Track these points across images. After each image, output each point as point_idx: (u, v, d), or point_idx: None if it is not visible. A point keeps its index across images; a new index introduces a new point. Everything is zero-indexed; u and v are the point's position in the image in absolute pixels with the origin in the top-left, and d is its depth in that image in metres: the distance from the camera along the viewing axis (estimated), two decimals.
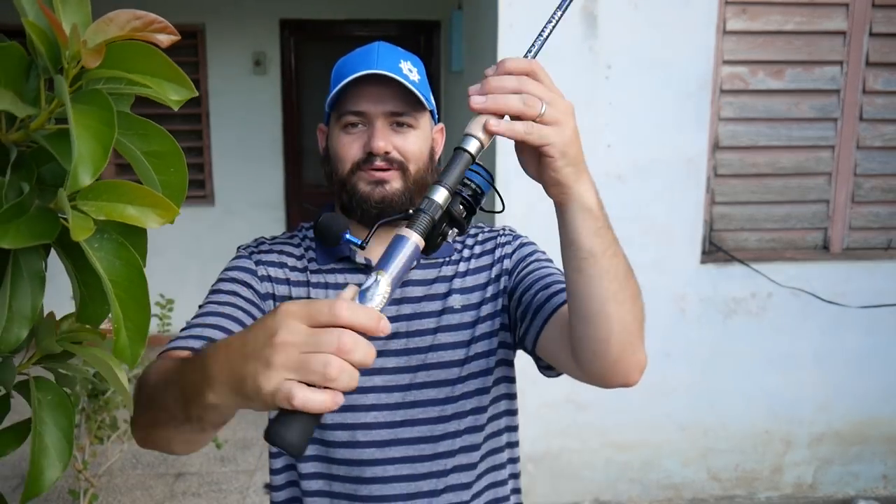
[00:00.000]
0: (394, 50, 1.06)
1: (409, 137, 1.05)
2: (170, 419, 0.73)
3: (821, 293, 2.91)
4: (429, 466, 1.05)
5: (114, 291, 0.44)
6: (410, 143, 1.04)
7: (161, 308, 2.79)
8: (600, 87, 2.69)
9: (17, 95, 0.44)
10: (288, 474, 1.10)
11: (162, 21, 0.48)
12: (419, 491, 1.05)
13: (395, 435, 1.04)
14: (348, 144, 1.04)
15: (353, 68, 1.02)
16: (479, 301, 1.09)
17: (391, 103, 1.02)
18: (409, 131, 1.05)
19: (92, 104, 0.42)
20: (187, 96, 0.47)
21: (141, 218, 0.44)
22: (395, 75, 1.00)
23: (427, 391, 1.05)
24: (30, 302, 0.45)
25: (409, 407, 1.05)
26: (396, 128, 1.04)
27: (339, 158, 1.05)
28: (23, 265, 0.44)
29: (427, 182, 1.06)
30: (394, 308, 1.06)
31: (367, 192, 1.03)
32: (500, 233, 1.16)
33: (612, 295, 0.85)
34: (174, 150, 0.48)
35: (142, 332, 0.45)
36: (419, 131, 1.06)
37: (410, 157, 1.05)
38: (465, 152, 0.70)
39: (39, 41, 0.43)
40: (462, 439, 1.07)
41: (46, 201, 0.43)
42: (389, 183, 1.03)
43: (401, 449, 1.05)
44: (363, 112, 1.02)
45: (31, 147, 0.45)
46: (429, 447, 1.05)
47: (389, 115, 1.03)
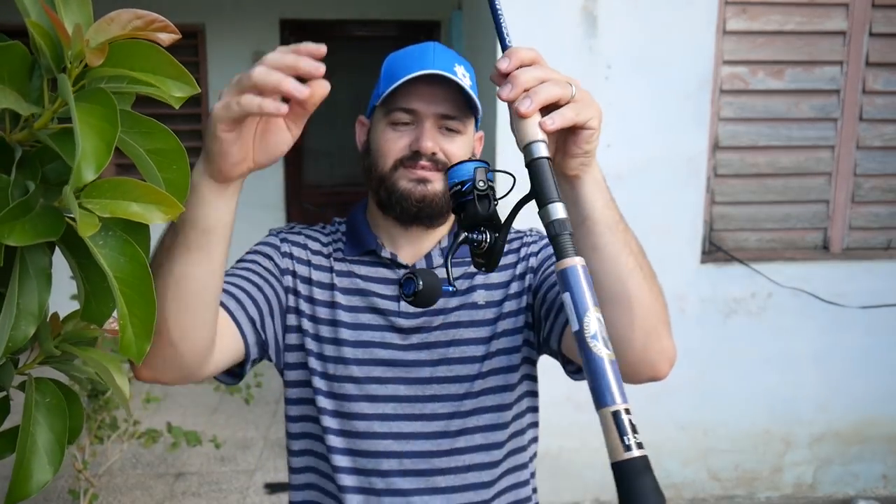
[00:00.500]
0: (448, 52, 1.06)
1: (456, 141, 1.04)
2: (163, 255, 0.77)
3: (821, 293, 2.92)
4: (446, 462, 1.05)
5: (119, 288, 0.44)
6: (456, 148, 1.04)
7: None
8: (600, 87, 2.69)
9: (20, 95, 0.44)
10: (308, 458, 1.10)
11: (163, 20, 0.48)
12: (436, 486, 1.04)
13: (413, 428, 1.04)
14: (394, 140, 1.03)
15: (408, 66, 1.01)
16: (503, 298, 1.08)
17: (444, 105, 1.02)
18: (457, 136, 1.04)
19: (95, 102, 0.43)
20: (190, 93, 0.47)
21: (145, 215, 0.44)
22: (453, 76, 1.00)
23: (447, 386, 1.05)
24: (36, 300, 0.46)
25: (428, 401, 1.05)
26: (445, 131, 1.03)
27: (382, 153, 1.04)
28: (29, 263, 0.45)
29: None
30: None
31: (409, 189, 1.02)
32: (527, 233, 1.16)
33: (630, 270, 0.84)
34: (177, 147, 0.48)
35: (147, 328, 0.46)
36: (465, 137, 1.06)
37: (454, 161, 1.02)
38: (544, 160, 0.68)
39: (42, 41, 0.44)
40: (482, 436, 1.06)
41: (51, 199, 0.43)
42: (432, 183, 1.02)
43: (418, 443, 1.04)
44: (414, 110, 1.02)
45: (36, 146, 0.45)
46: (446, 442, 1.05)
47: (440, 118, 1.02)
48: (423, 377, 1.05)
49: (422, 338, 1.05)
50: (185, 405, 4.04)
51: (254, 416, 3.89)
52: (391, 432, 1.04)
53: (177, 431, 2.57)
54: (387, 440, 1.04)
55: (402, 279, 0.85)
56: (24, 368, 0.61)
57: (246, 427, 3.79)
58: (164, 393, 3.99)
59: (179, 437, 2.56)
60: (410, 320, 1.05)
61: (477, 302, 1.07)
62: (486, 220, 0.75)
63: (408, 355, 1.05)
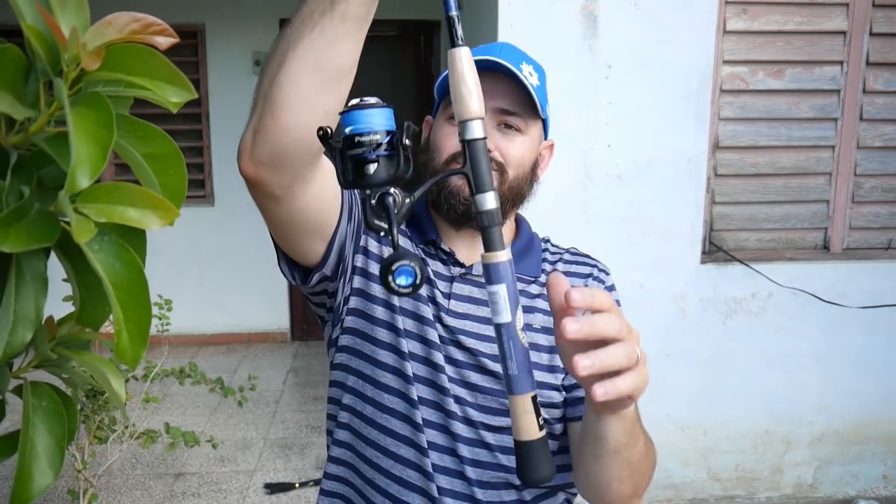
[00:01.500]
0: (517, 50, 1.02)
1: (516, 141, 0.99)
2: (306, 22, 0.72)
3: (821, 293, 2.91)
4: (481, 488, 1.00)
5: (114, 293, 0.44)
6: (514, 147, 0.98)
7: (160, 308, 2.80)
8: (600, 87, 2.69)
9: (16, 98, 0.44)
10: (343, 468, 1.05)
11: (161, 23, 0.48)
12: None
13: (442, 441, 0.99)
14: (449, 135, 0.98)
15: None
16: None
17: (504, 100, 0.97)
18: (517, 135, 0.99)
19: (90, 106, 0.42)
20: (186, 98, 0.47)
21: (141, 220, 0.44)
22: (513, 68, 0.95)
23: (481, 396, 0.99)
24: (33, 304, 0.45)
25: (480, 412, 0.99)
26: (504, 129, 0.98)
27: (437, 149, 1.00)
28: (25, 268, 0.44)
29: (524, 194, 1.03)
30: (467, 305, 1.02)
31: (458, 186, 0.98)
32: (598, 266, 1.11)
33: (620, 476, 0.85)
34: (173, 152, 0.48)
35: (143, 334, 0.45)
36: (527, 138, 1.00)
37: (511, 162, 0.98)
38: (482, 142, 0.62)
39: (38, 44, 0.43)
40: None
41: (47, 204, 0.43)
42: None
43: (446, 458, 0.99)
44: None
45: (31, 150, 0.45)
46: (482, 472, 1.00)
47: (499, 113, 0.97)
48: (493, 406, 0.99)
49: (463, 340, 1.00)
50: (184, 405, 4.04)
51: (253, 417, 3.89)
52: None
53: (175, 432, 2.57)
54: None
55: (394, 266, 0.62)
56: (18, 372, 0.61)
57: (245, 427, 3.79)
58: (163, 393, 3.98)
59: (177, 438, 2.56)
60: (457, 319, 1.00)
61: (532, 324, 1.01)
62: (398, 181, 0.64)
63: (471, 377, 0.99)
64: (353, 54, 0.75)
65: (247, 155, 0.82)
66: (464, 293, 1.03)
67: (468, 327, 1.00)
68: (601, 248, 2.80)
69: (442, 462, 0.98)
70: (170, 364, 2.82)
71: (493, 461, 0.99)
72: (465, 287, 1.03)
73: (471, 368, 0.99)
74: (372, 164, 0.62)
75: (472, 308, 1.02)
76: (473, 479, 0.98)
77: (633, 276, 2.81)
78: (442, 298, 1.01)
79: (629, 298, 2.81)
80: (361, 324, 1.01)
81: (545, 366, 1.01)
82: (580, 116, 2.70)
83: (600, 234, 2.77)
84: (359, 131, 0.61)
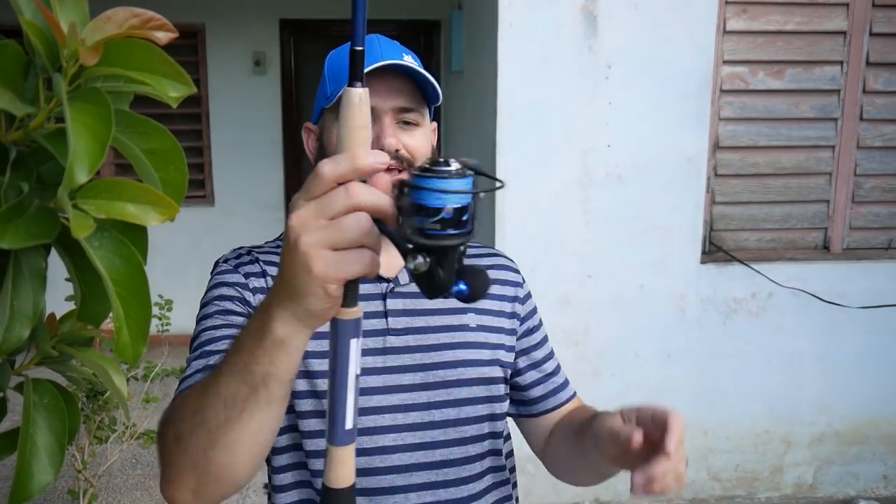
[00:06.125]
0: (393, 43, 1.01)
1: (416, 135, 0.99)
2: (230, 410, 0.68)
3: (821, 293, 2.91)
4: (454, 493, 0.98)
5: (115, 290, 0.44)
6: (416, 141, 0.99)
7: (160, 308, 2.79)
8: (600, 87, 2.69)
9: (15, 94, 0.44)
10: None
11: (160, 18, 0.48)
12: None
13: (416, 459, 0.97)
14: None
15: None
16: (495, 326, 1.05)
17: (401, 98, 0.97)
18: (416, 129, 1.00)
19: (88, 101, 0.42)
20: (186, 93, 0.47)
21: (141, 216, 0.43)
22: (414, 64, 0.95)
23: (447, 410, 0.98)
24: (31, 301, 0.45)
25: (430, 428, 0.98)
26: (404, 126, 0.98)
27: None
28: (23, 264, 0.44)
29: None
30: (405, 319, 1.00)
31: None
32: (513, 266, 1.12)
33: (600, 479, 1.00)
34: (174, 147, 0.48)
35: (143, 331, 0.45)
36: (423, 129, 1.01)
37: (417, 156, 0.99)
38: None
39: (37, 40, 0.43)
40: (487, 460, 1.03)
41: (46, 200, 0.42)
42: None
43: (422, 475, 0.97)
44: (372, 107, 0.93)
45: (31, 146, 0.45)
46: (452, 471, 0.98)
47: (398, 111, 0.98)
48: (422, 402, 0.98)
49: (416, 359, 0.99)
50: None
51: None
52: (394, 465, 0.97)
53: None
54: (390, 475, 0.96)
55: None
56: (20, 369, 0.61)
57: None
58: (163, 393, 3.98)
59: None
60: (400, 337, 0.99)
61: (468, 324, 1.02)
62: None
63: (404, 378, 0.98)
64: (281, 417, 0.72)
65: (177, 491, 0.77)
66: (398, 307, 1.01)
67: (411, 343, 0.99)
68: (601, 248, 2.81)
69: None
70: (170, 364, 2.82)
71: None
72: (397, 301, 1.01)
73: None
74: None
75: (411, 321, 1.01)
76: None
77: (633, 276, 2.81)
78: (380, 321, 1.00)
79: (629, 298, 2.82)
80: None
81: (495, 360, 1.03)
82: (580, 116, 2.69)
83: (600, 234, 2.77)
84: (453, 205, 0.55)
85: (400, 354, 0.98)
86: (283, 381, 0.66)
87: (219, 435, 0.69)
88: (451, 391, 0.99)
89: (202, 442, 0.71)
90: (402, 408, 0.97)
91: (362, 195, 0.56)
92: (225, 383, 0.68)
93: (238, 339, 0.69)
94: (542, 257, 2.72)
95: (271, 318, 0.63)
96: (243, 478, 0.74)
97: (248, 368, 0.65)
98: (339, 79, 0.97)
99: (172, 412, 0.78)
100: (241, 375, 0.66)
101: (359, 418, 0.91)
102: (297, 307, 0.60)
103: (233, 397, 0.67)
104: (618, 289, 2.81)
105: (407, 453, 0.97)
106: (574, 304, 2.79)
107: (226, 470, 0.72)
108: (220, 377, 0.69)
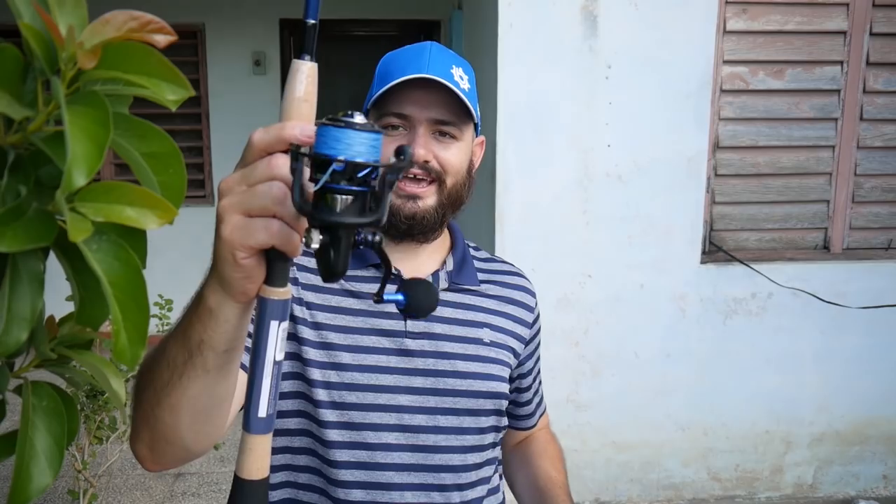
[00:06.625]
0: (446, 53, 1.02)
1: (451, 149, 1.00)
2: (171, 371, 0.69)
3: (821, 293, 2.91)
4: (447, 497, 1.01)
5: (113, 293, 0.44)
6: (451, 155, 0.99)
7: (160, 308, 2.79)
8: (600, 87, 2.69)
9: (13, 98, 0.44)
10: (284, 491, 1.02)
11: (159, 21, 0.47)
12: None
13: (416, 460, 0.99)
14: (384, 147, 0.98)
15: (403, 68, 0.97)
16: (506, 345, 1.08)
17: (437, 110, 0.97)
18: (452, 142, 1.00)
19: (86, 105, 0.42)
20: (184, 96, 0.46)
21: (140, 219, 0.43)
22: (447, 82, 0.95)
23: (452, 418, 1.01)
24: (29, 304, 0.45)
25: (434, 432, 1.00)
26: (439, 137, 0.99)
27: None
28: (21, 267, 0.44)
29: (462, 199, 1.03)
30: (424, 324, 1.02)
31: (398, 205, 0.98)
32: (531, 289, 1.16)
33: None
34: (172, 150, 0.47)
35: (141, 334, 0.45)
36: (462, 143, 1.01)
37: (449, 170, 0.99)
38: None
39: (35, 43, 0.43)
40: (483, 470, 1.05)
41: (44, 204, 0.42)
42: (423, 199, 0.99)
43: (420, 475, 1.00)
44: (407, 115, 0.97)
45: (29, 150, 0.45)
46: (449, 477, 1.01)
47: (434, 123, 0.98)
48: (429, 406, 1.01)
49: (429, 364, 1.01)
50: None
51: None
52: (393, 463, 1.00)
53: None
54: (389, 472, 0.99)
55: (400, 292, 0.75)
56: (19, 372, 0.61)
57: None
58: None
59: None
60: (416, 341, 1.02)
61: (482, 339, 1.05)
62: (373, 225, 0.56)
63: (414, 381, 1.01)
64: (225, 389, 0.72)
65: (149, 463, 0.81)
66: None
67: (427, 347, 1.02)
68: (601, 248, 2.81)
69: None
70: None
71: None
72: None
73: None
74: (346, 197, 0.53)
75: (429, 326, 1.03)
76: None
77: (633, 276, 2.81)
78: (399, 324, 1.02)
79: (629, 299, 2.83)
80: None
81: (502, 377, 1.06)
82: (580, 116, 2.69)
83: (600, 234, 2.77)
84: (347, 157, 0.51)
85: (414, 358, 1.00)
86: (217, 351, 0.65)
87: (162, 396, 0.71)
88: (459, 400, 1.01)
89: (150, 399, 0.73)
90: (410, 409, 0.99)
91: (281, 166, 0.55)
92: (170, 347, 0.70)
93: (187, 306, 0.70)
94: (542, 257, 2.72)
95: (205, 287, 0.64)
96: (190, 442, 0.76)
97: (187, 334, 0.66)
98: (384, 81, 0.98)
99: (141, 366, 0.80)
100: (182, 341, 0.67)
101: (366, 414, 0.97)
102: (218, 275, 0.61)
103: (174, 360, 0.69)
104: (618, 289, 2.81)
105: (408, 453, 0.99)
106: (574, 304, 2.79)
107: (170, 430, 0.74)
108: (168, 340, 0.71)
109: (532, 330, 1.14)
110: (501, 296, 1.10)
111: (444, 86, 0.96)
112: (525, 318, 1.12)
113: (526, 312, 1.12)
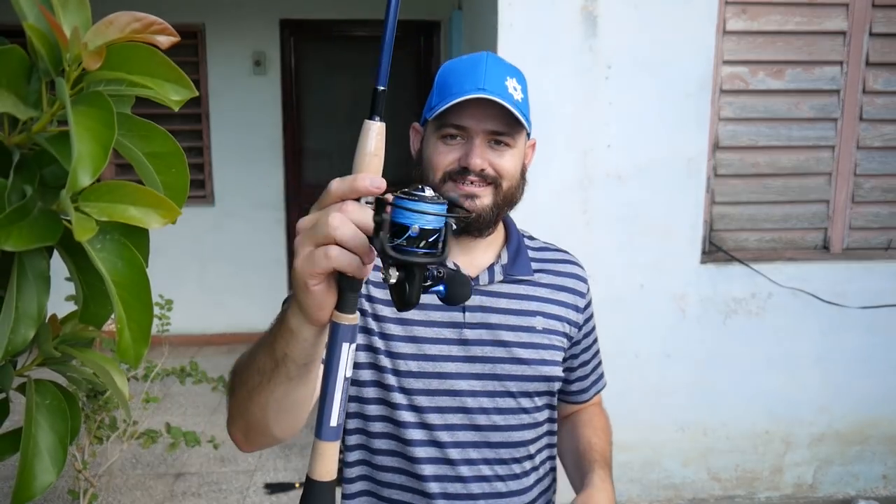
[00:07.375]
0: (501, 64, 1.10)
1: (505, 155, 1.08)
2: (261, 376, 0.81)
3: (821, 293, 2.91)
4: (509, 468, 1.13)
5: (116, 292, 0.44)
6: (506, 161, 1.08)
7: (160, 308, 2.80)
8: (600, 87, 2.69)
9: (18, 98, 0.44)
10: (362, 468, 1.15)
11: (161, 22, 0.48)
12: (496, 492, 1.13)
13: (478, 438, 1.11)
14: (444, 154, 1.08)
15: (460, 82, 1.06)
16: (559, 331, 1.17)
17: (493, 122, 1.06)
18: (506, 150, 1.09)
19: (92, 105, 0.43)
20: (187, 96, 0.47)
21: (143, 218, 0.44)
22: (501, 100, 1.03)
23: (508, 400, 1.12)
24: (35, 302, 0.45)
25: (494, 413, 1.11)
26: (494, 145, 1.08)
27: (432, 166, 1.09)
28: (27, 266, 0.45)
29: (516, 199, 1.14)
30: (480, 315, 1.11)
31: (457, 201, 1.07)
32: (582, 276, 1.24)
33: None
34: (175, 150, 0.48)
35: (145, 332, 0.46)
36: (515, 150, 1.10)
37: (504, 175, 1.09)
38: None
39: (40, 44, 0.44)
40: (538, 443, 1.18)
41: (49, 203, 0.43)
42: (480, 198, 1.08)
43: (481, 451, 1.12)
44: (465, 127, 1.06)
45: (34, 149, 0.45)
46: (507, 451, 1.13)
47: (490, 133, 1.07)
48: (489, 390, 1.12)
49: (486, 351, 1.11)
50: (184, 405, 4.04)
51: None
52: (457, 441, 1.12)
53: (175, 432, 2.57)
54: (454, 449, 1.11)
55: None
56: (22, 370, 0.61)
57: None
58: (163, 393, 3.99)
59: (178, 438, 2.56)
60: (474, 330, 1.11)
61: (535, 327, 1.14)
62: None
63: (474, 367, 1.11)
64: (304, 393, 0.83)
65: (244, 446, 0.95)
66: (475, 304, 1.13)
67: (484, 336, 1.12)
68: (601, 248, 2.81)
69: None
70: (170, 364, 2.82)
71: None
72: (476, 298, 1.13)
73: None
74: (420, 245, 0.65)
75: (486, 316, 1.12)
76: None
77: (633, 276, 2.81)
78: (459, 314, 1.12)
79: (629, 299, 2.82)
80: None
81: (555, 361, 1.16)
82: (580, 116, 2.70)
83: (600, 234, 2.77)
84: (420, 226, 0.63)
85: (472, 346, 1.11)
86: (297, 364, 0.76)
87: (253, 395, 0.84)
88: (515, 384, 1.12)
89: (244, 396, 0.86)
90: (470, 393, 1.11)
91: (351, 210, 0.63)
92: (260, 355, 0.81)
93: (274, 322, 0.81)
94: None
95: (289, 310, 0.72)
96: (278, 431, 0.88)
97: (273, 347, 0.77)
98: (443, 93, 1.07)
99: (235, 366, 0.94)
100: (268, 352, 0.78)
101: (432, 398, 1.12)
102: (297, 302, 0.69)
103: (263, 367, 0.80)
104: (618, 289, 2.81)
105: (470, 432, 1.11)
106: None
107: (261, 423, 0.87)
108: (258, 349, 0.83)
109: (584, 314, 1.22)
110: (554, 284, 1.19)
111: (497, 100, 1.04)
112: (577, 303, 1.20)
113: (577, 298, 1.21)
